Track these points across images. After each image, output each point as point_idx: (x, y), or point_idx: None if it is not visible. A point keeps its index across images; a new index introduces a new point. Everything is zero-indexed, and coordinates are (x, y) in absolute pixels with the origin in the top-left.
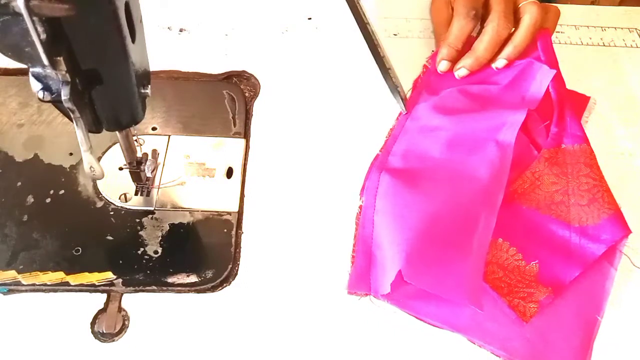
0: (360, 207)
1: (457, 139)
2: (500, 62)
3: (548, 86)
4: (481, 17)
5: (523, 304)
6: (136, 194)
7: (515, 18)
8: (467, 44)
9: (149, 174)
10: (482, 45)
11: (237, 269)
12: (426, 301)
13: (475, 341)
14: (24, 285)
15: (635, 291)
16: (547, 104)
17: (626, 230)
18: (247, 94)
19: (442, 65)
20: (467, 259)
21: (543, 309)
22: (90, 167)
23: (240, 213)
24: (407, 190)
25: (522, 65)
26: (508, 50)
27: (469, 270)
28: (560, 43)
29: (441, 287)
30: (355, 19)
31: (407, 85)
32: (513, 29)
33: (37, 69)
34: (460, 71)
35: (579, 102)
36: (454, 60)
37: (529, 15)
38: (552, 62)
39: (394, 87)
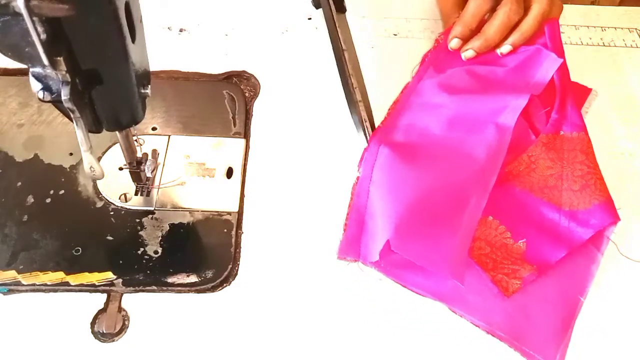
0: (357, 178)
1: (458, 118)
2: (505, 48)
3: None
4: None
5: (506, 279)
6: (136, 194)
7: (523, 6)
8: (478, 27)
9: (149, 174)
10: (492, 29)
11: (237, 269)
12: (412, 270)
13: (456, 311)
14: (24, 285)
15: (619, 278)
16: (549, 91)
17: (615, 218)
18: (247, 94)
19: (453, 43)
20: (454, 235)
21: (526, 286)
22: (90, 167)
23: (240, 213)
24: (403, 164)
25: (529, 52)
26: (515, 37)
27: (454, 246)
28: None
29: (426, 259)
30: (332, 46)
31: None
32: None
33: (37, 69)
34: (468, 52)
35: (581, 93)
36: (466, 39)
37: (538, 4)
38: (559, 51)
39: (360, 121)
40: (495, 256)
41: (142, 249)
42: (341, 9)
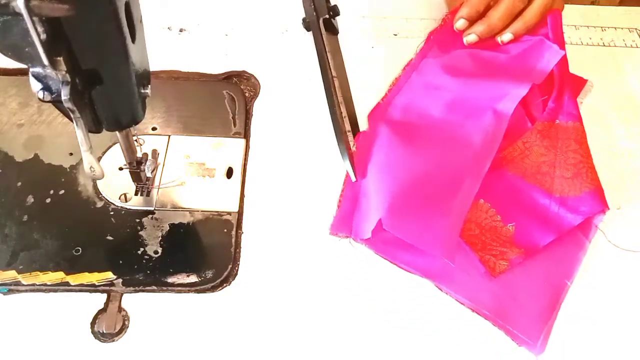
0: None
1: (458, 102)
2: (506, 36)
3: None
4: None
5: (494, 260)
6: (136, 194)
7: None
8: (484, 11)
9: (149, 174)
10: (497, 14)
11: (237, 269)
12: (401, 248)
13: (442, 288)
14: (24, 285)
15: (605, 265)
16: (547, 80)
17: (604, 206)
18: (247, 94)
19: (459, 24)
20: (446, 216)
21: (513, 268)
22: (90, 167)
23: (240, 213)
24: (400, 144)
25: (532, 42)
26: (517, 26)
27: (446, 226)
28: None
29: (418, 238)
30: (321, 70)
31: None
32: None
33: (37, 69)
34: (470, 37)
35: (577, 84)
36: (472, 21)
37: None
38: (560, 42)
39: (346, 151)
40: (484, 238)
41: (142, 249)
42: (333, 30)
